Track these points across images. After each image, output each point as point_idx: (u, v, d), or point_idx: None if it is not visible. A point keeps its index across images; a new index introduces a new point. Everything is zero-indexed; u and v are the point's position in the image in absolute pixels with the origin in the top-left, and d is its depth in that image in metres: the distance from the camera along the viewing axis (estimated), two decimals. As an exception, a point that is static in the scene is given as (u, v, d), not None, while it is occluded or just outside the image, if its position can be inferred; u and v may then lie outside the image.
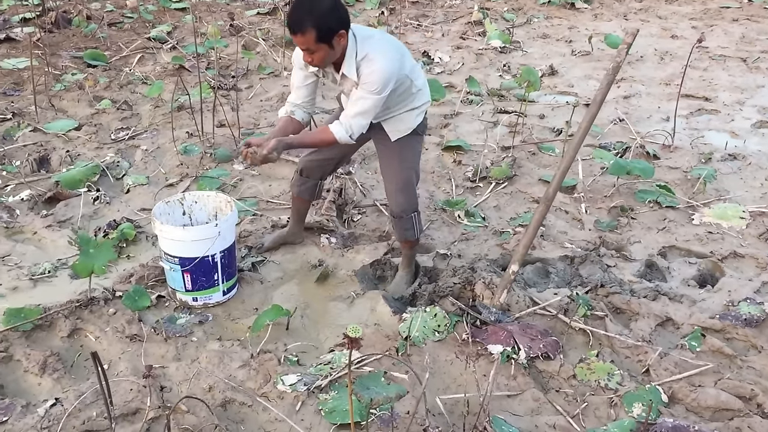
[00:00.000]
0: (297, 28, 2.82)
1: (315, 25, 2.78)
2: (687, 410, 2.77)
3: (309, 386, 2.82)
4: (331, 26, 2.81)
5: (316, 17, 2.78)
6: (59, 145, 4.97)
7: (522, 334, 3.06)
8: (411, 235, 3.37)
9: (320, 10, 2.79)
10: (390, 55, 2.96)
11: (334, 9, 2.83)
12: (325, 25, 2.79)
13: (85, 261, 3.16)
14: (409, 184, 3.31)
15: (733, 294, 3.43)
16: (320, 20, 2.78)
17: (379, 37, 3.02)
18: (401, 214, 3.31)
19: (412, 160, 3.33)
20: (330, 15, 2.81)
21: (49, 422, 2.62)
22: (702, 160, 4.90)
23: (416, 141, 3.34)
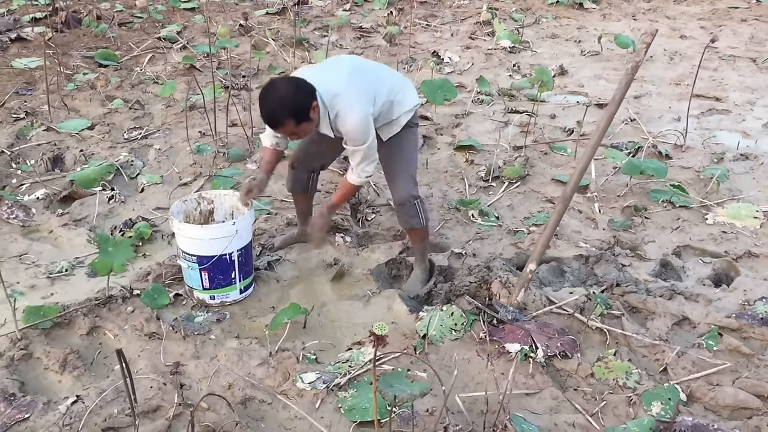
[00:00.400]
0: (275, 124, 2.99)
1: (290, 115, 2.92)
2: (705, 409, 2.78)
3: (328, 384, 2.84)
4: (303, 107, 2.94)
5: (287, 108, 2.90)
6: (73, 144, 5.00)
7: (539, 333, 3.07)
8: (417, 222, 3.39)
9: (288, 99, 2.90)
10: (358, 108, 3.05)
11: (298, 89, 2.94)
12: (299, 110, 2.92)
13: (105, 259, 3.17)
14: (408, 172, 3.39)
15: (748, 293, 3.43)
16: (293, 108, 2.91)
17: (345, 90, 3.06)
18: (404, 201, 3.35)
19: (409, 150, 3.42)
20: (298, 98, 2.93)
21: (71, 419, 2.63)
22: (714, 160, 4.91)
23: (411, 132, 3.44)
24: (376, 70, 3.36)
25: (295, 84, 2.96)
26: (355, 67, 3.25)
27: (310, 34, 7.86)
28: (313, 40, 7.61)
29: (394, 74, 3.48)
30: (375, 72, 3.31)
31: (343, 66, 3.23)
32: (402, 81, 3.43)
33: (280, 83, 2.98)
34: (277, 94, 2.91)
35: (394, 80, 3.34)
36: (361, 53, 7.28)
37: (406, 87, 3.40)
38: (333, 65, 3.30)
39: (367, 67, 3.35)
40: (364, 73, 3.22)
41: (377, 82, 3.21)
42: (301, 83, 2.97)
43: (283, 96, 2.90)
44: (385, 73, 3.38)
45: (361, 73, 3.21)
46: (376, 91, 3.17)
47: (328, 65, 3.33)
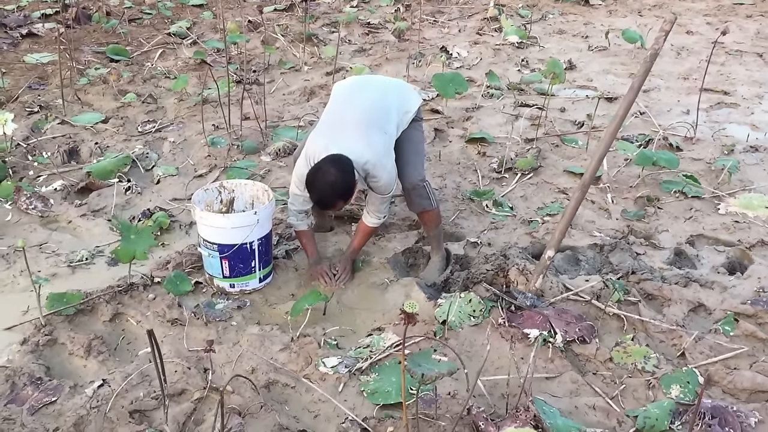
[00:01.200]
0: (327, 207, 3.29)
1: (340, 197, 3.16)
2: (723, 392, 2.82)
3: (350, 368, 2.87)
4: (350, 187, 3.15)
5: (338, 193, 3.13)
6: (87, 137, 5.03)
7: (557, 319, 3.10)
8: (428, 204, 3.51)
9: (337, 185, 3.10)
10: (386, 167, 3.28)
11: (344, 173, 3.10)
12: (347, 191, 3.15)
13: (127, 247, 3.21)
14: (417, 158, 3.55)
15: (763, 281, 3.47)
16: (342, 191, 3.13)
17: (370, 153, 3.21)
18: (414, 185, 3.47)
19: (416, 139, 3.60)
20: (345, 181, 3.11)
21: (98, 402, 2.67)
22: (725, 151, 4.94)
23: (416, 125, 3.62)
24: (382, 102, 3.43)
25: (339, 167, 3.10)
26: (364, 112, 3.34)
27: (319, 30, 7.90)
28: (321, 35, 7.65)
29: (396, 90, 3.58)
30: (383, 107, 3.40)
31: (354, 119, 3.31)
32: (402, 92, 3.59)
33: (326, 168, 3.10)
34: (326, 181, 3.08)
35: (397, 98, 3.49)
36: (370, 48, 7.31)
37: (408, 93, 3.61)
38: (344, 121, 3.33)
39: (375, 103, 3.41)
40: (375, 116, 3.35)
41: (387, 119, 3.37)
42: (343, 164, 3.12)
43: (332, 182, 3.08)
44: (389, 96, 3.49)
45: (373, 120, 3.33)
46: (389, 130, 3.36)
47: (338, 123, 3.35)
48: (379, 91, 3.51)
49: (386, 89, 3.55)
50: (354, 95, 3.49)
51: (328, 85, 6.11)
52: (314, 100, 5.86)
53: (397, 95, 3.51)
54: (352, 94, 3.52)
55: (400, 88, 3.62)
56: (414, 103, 3.55)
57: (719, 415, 2.61)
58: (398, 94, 3.54)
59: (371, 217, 3.48)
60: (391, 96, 3.49)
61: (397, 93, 3.54)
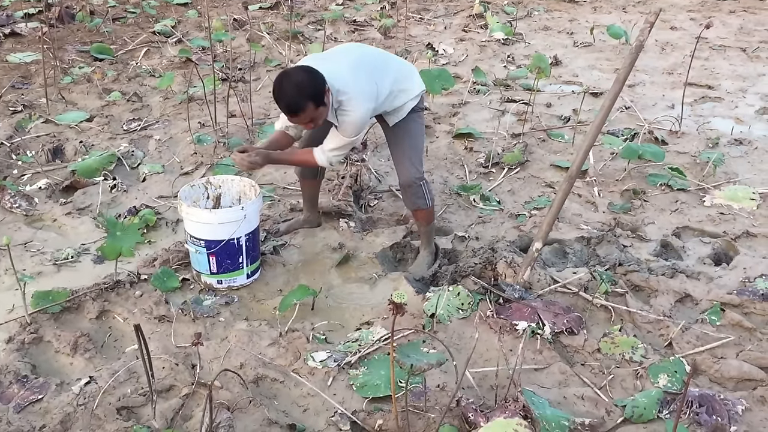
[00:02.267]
0: (296, 110, 2.97)
1: (309, 98, 2.93)
2: (711, 381, 2.83)
3: (339, 362, 2.87)
4: (319, 90, 2.96)
5: (305, 92, 2.92)
6: (72, 136, 4.99)
7: (545, 311, 3.11)
8: (423, 203, 3.44)
9: (304, 84, 2.93)
10: (361, 104, 3.10)
11: (311, 74, 2.97)
12: (316, 93, 2.95)
13: (113, 243, 3.19)
14: (415, 155, 3.43)
15: (748, 271, 3.49)
16: (310, 92, 2.93)
17: (350, 83, 3.09)
18: (410, 183, 3.39)
19: (415, 133, 3.46)
20: (313, 82, 2.96)
21: (85, 399, 2.65)
22: (709, 144, 4.97)
23: (417, 117, 3.48)
24: (381, 59, 3.39)
25: (307, 70, 3.00)
26: (360, 57, 3.28)
27: (305, 27, 7.88)
28: (307, 33, 7.63)
29: (399, 62, 3.51)
30: (380, 62, 3.34)
31: (348, 56, 3.26)
32: (406, 68, 3.47)
33: (293, 71, 3.01)
34: (293, 81, 2.94)
35: (398, 69, 3.38)
36: (356, 46, 7.29)
37: (411, 74, 3.45)
38: (339, 55, 3.31)
39: (373, 57, 3.37)
40: (369, 64, 3.26)
41: (381, 73, 3.25)
42: (312, 69, 3.00)
43: (299, 82, 2.93)
44: (390, 62, 3.41)
45: (367, 64, 3.24)
46: (380, 84, 3.21)
47: (334, 54, 3.34)
48: (384, 54, 3.47)
49: (392, 57, 3.49)
50: (358, 46, 3.45)
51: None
52: (300, 98, 5.83)
53: (398, 68, 3.39)
54: (357, 45, 3.47)
55: (406, 66, 3.49)
56: (416, 85, 3.39)
57: (707, 403, 2.63)
58: (403, 68, 3.43)
59: (320, 153, 3.25)
60: (394, 64, 3.40)
61: (401, 66, 3.44)
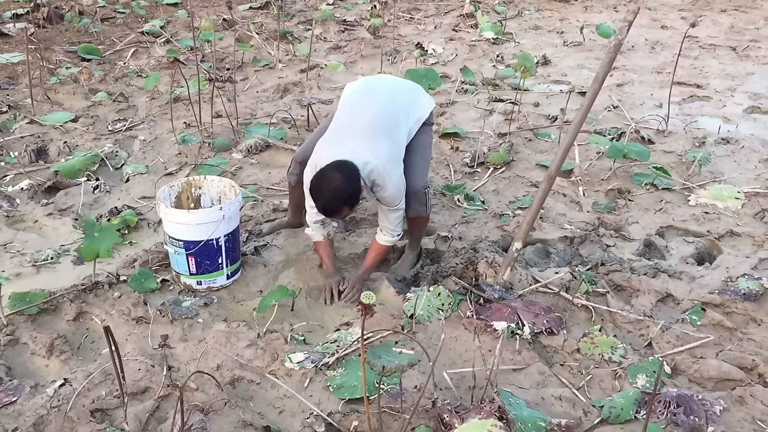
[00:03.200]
0: (333, 214, 3.11)
1: (346, 203, 3.04)
2: (690, 381, 2.82)
3: (316, 363, 2.85)
4: (356, 193, 3.03)
5: (343, 198, 3.01)
6: (56, 137, 4.97)
7: (525, 311, 3.10)
8: (423, 210, 3.44)
9: (342, 190, 2.98)
10: (392, 175, 3.16)
11: (348, 178, 3.00)
12: (353, 196, 3.03)
13: (91, 244, 3.17)
14: (424, 164, 3.47)
15: (731, 270, 3.48)
16: (348, 197, 3.01)
17: (376, 161, 3.11)
18: (417, 190, 3.36)
19: (425, 143, 3.51)
20: (350, 186, 3.00)
21: (59, 401, 2.63)
22: (696, 144, 4.96)
23: (428, 128, 3.55)
24: (391, 106, 3.35)
25: (344, 173, 3.00)
26: (372, 120, 3.25)
27: (294, 27, 7.86)
28: (297, 33, 7.61)
29: (405, 93, 3.49)
30: (391, 113, 3.31)
31: (362, 125, 3.23)
32: (412, 95, 3.50)
33: (330, 174, 3.00)
34: (330, 186, 2.97)
35: (406, 102, 3.40)
36: (345, 45, 7.29)
37: (418, 97, 3.50)
38: (351, 127, 3.26)
39: (383, 110, 3.32)
40: (381, 124, 3.25)
41: (396, 127, 3.28)
42: (347, 169, 3.01)
43: (336, 188, 2.97)
44: (396, 100, 3.40)
45: (379, 127, 3.24)
46: (399, 139, 3.27)
47: (345, 128, 3.29)
48: (387, 97, 3.41)
49: (395, 94, 3.45)
50: (362, 101, 3.40)
51: (302, 82, 6.09)
52: (288, 97, 5.82)
53: (406, 101, 3.43)
54: (361, 100, 3.42)
55: (410, 94, 3.51)
56: (426, 108, 3.46)
57: (684, 403, 2.61)
58: (408, 99, 3.45)
59: (384, 235, 3.34)
60: (399, 101, 3.39)
61: (406, 99, 3.44)
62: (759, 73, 6.59)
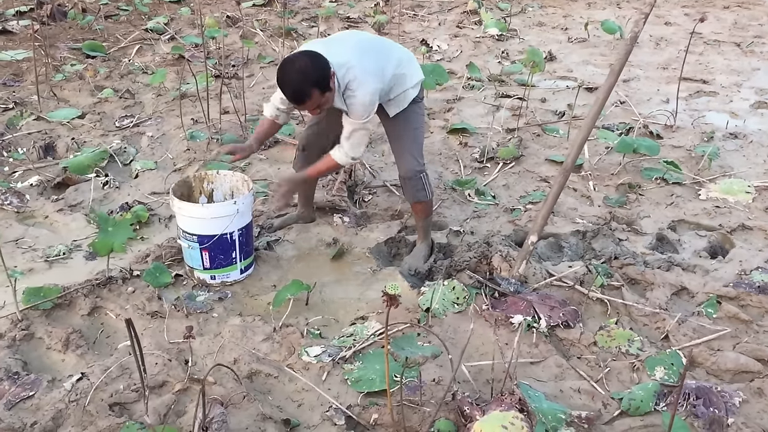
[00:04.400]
0: (302, 97, 2.93)
1: (314, 84, 2.89)
2: (707, 373, 2.82)
3: (333, 357, 2.84)
4: (324, 74, 2.91)
5: (310, 78, 2.88)
6: (64, 133, 4.96)
7: (541, 304, 3.09)
8: (423, 195, 3.40)
9: (308, 69, 2.88)
10: (369, 82, 3.03)
11: (314, 59, 2.92)
12: (321, 78, 2.90)
13: (105, 239, 3.16)
14: (416, 146, 3.38)
15: (744, 264, 3.48)
16: (315, 77, 2.88)
17: (356, 63, 3.03)
18: (411, 175, 3.34)
19: (416, 124, 3.40)
20: (317, 67, 2.91)
21: (77, 395, 2.62)
22: (704, 138, 4.96)
23: (417, 107, 3.42)
24: (384, 43, 3.38)
25: (310, 55, 2.94)
26: (363, 40, 3.25)
27: (298, 24, 7.85)
28: (301, 30, 7.60)
29: (400, 48, 3.46)
30: (382, 45, 3.32)
31: (351, 40, 3.24)
32: (407, 54, 3.41)
33: (296, 57, 2.94)
34: (296, 67, 2.88)
35: (400, 54, 3.33)
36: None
37: (411, 60, 3.40)
38: (341, 39, 3.28)
39: (376, 41, 3.37)
40: (373, 47, 3.22)
41: (385, 56, 3.21)
42: (315, 54, 2.95)
43: (302, 67, 2.87)
44: (392, 47, 3.38)
45: (370, 47, 3.20)
46: (384, 65, 3.17)
47: (336, 39, 3.30)
48: (385, 40, 3.46)
49: (393, 43, 3.44)
50: (359, 32, 3.43)
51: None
52: (294, 94, 5.80)
53: (401, 54, 3.34)
54: (357, 31, 3.44)
55: (407, 53, 3.41)
56: (415, 73, 3.32)
57: (704, 395, 2.61)
58: (403, 54, 3.36)
59: (340, 152, 3.19)
60: (396, 49, 3.35)
61: (402, 53, 3.36)
62: (764, 69, 6.60)
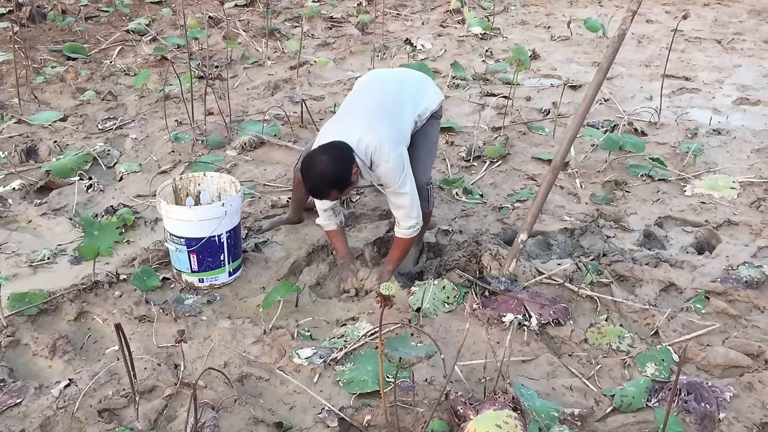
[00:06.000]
0: (320, 197, 3.07)
1: (333, 187, 2.95)
2: (698, 369, 2.83)
3: (325, 359, 2.82)
4: (344, 176, 2.93)
5: (329, 181, 2.92)
6: (46, 136, 4.90)
7: (532, 302, 3.10)
8: (426, 206, 3.39)
9: (329, 173, 2.89)
10: (389, 152, 3.02)
11: (337, 161, 2.91)
12: (340, 180, 2.94)
13: (91, 243, 3.12)
14: (429, 159, 3.44)
15: (731, 259, 3.51)
16: (334, 180, 2.93)
17: (375, 141, 3.01)
18: (421, 186, 3.31)
19: (432, 137, 3.46)
20: (338, 169, 2.91)
21: (65, 402, 2.58)
22: (688, 135, 5.00)
23: (436, 122, 3.50)
24: (396, 94, 3.28)
25: (333, 155, 2.92)
26: (375, 101, 3.20)
27: (281, 24, 7.81)
28: (284, 30, 7.56)
29: (413, 83, 3.41)
30: (396, 99, 3.24)
31: (362, 105, 3.20)
32: (421, 85, 3.41)
33: (318, 156, 2.92)
34: (317, 169, 2.89)
35: (414, 92, 3.32)
36: (334, 42, 7.25)
37: (427, 88, 3.41)
38: (353, 108, 3.23)
39: (387, 96, 3.26)
40: (385, 107, 3.17)
41: (400, 113, 3.18)
42: (338, 151, 2.93)
43: (323, 170, 2.88)
44: (405, 89, 3.33)
45: (383, 109, 3.16)
46: (401, 123, 3.17)
47: (348, 110, 3.25)
48: (394, 83, 3.36)
49: (403, 82, 3.38)
50: (368, 87, 3.36)
51: (292, 79, 6.05)
52: (279, 94, 5.78)
53: (414, 90, 3.34)
54: (367, 86, 3.38)
55: (419, 84, 3.42)
56: (434, 100, 3.36)
57: (695, 390, 2.62)
58: (416, 88, 3.36)
59: (401, 229, 3.22)
60: (407, 89, 3.32)
61: (414, 87, 3.36)
62: (745, 65, 6.66)
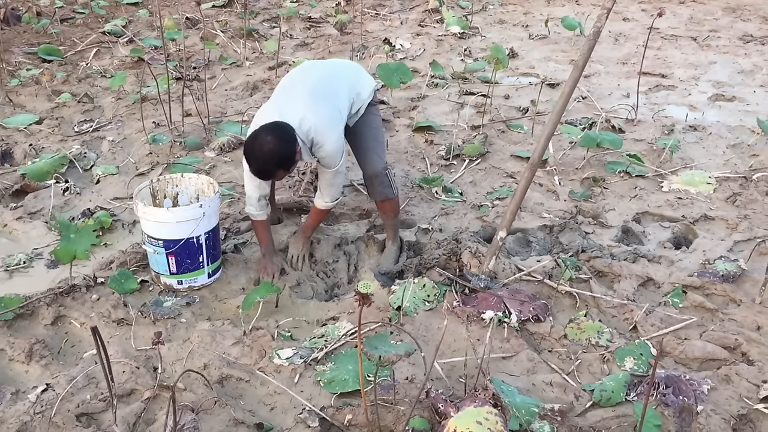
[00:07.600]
0: (267, 176, 3.10)
1: (279, 166, 3.00)
2: (675, 362, 2.86)
3: (305, 359, 2.82)
4: (289, 155, 2.99)
5: (276, 161, 2.97)
6: (21, 139, 4.84)
7: (511, 299, 3.11)
8: (389, 192, 3.43)
9: (274, 152, 2.94)
10: (332, 134, 3.14)
11: (281, 140, 2.95)
12: (286, 158, 2.99)
13: (67, 246, 3.09)
14: (378, 145, 3.47)
15: (708, 253, 3.54)
16: (280, 159, 2.98)
17: (315, 120, 3.09)
18: (377, 173, 3.38)
19: (374, 124, 3.52)
20: (282, 148, 2.96)
21: (42, 407, 2.56)
22: (665, 131, 5.04)
23: (373, 109, 3.53)
24: (332, 77, 3.35)
25: (277, 135, 2.95)
26: (312, 84, 3.24)
27: (259, 25, 7.78)
28: (262, 31, 7.53)
29: (347, 69, 3.50)
30: (332, 81, 3.32)
31: (302, 88, 3.22)
32: (355, 73, 3.48)
33: (263, 137, 2.95)
34: (263, 150, 2.93)
35: (348, 78, 3.39)
36: (312, 42, 7.24)
37: (361, 77, 3.47)
38: (292, 91, 3.26)
39: (324, 78, 3.33)
40: (323, 89, 3.24)
41: (335, 92, 3.26)
42: (281, 131, 2.97)
43: (269, 150, 2.92)
44: (340, 75, 3.40)
45: (322, 91, 3.22)
46: (339, 103, 3.24)
47: (287, 91, 3.28)
48: (329, 68, 3.46)
49: (337, 67, 3.50)
50: (303, 73, 3.40)
51: (271, 80, 6.03)
52: (257, 95, 5.76)
53: (348, 74, 3.43)
54: (302, 72, 3.41)
55: (352, 68, 3.52)
56: (367, 84, 3.45)
57: (673, 384, 2.64)
58: (350, 73, 3.45)
59: (321, 200, 3.38)
60: (342, 73, 3.41)
61: (348, 72, 3.45)
62: (720, 62, 6.73)
